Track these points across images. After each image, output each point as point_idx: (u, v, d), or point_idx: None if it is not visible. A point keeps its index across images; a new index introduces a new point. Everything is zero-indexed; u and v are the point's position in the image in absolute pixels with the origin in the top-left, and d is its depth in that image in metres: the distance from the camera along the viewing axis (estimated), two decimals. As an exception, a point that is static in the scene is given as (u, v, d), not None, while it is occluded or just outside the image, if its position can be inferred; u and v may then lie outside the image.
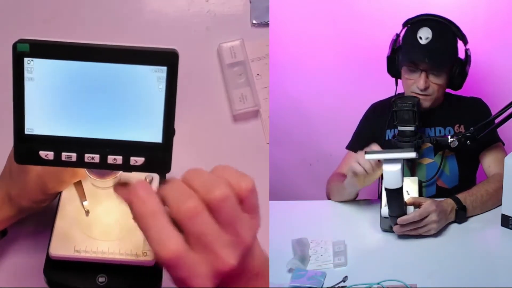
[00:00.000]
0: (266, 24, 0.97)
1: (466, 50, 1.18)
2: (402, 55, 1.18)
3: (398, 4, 1.49)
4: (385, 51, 1.24)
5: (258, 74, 0.95)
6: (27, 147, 0.53)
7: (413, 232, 1.02)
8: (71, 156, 0.53)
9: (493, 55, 1.45)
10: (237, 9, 0.98)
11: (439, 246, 1.02)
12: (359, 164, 1.05)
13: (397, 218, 1.00)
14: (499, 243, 1.04)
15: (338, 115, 1.65)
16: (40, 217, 0.79)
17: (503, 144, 1.22)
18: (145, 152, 0.53)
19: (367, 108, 1.33)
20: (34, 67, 0.51)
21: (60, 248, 0.69)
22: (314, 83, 1.66)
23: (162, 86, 0.52)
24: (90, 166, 0.54)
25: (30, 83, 0.52)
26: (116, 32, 0.95)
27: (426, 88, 1.15)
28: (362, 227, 1.11)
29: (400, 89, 1.24)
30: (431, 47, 1.13)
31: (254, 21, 0.97)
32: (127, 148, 0.53)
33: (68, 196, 0.74)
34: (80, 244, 0.70)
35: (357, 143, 1.30)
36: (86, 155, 0.53)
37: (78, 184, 0.74)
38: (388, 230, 1.06)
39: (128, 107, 0.52)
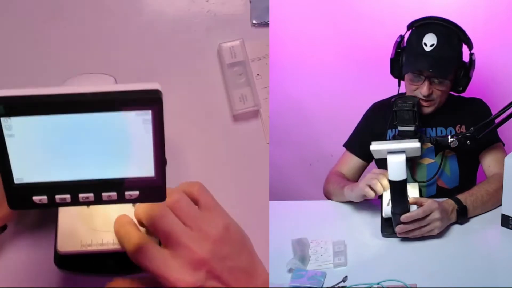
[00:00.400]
0: (266, 24, 0.97)
1: (471, 55, 1.17)
2: (406, 62, 1.17)
3: (398, 4, 1.49)
4: (385, 51, 1.24)
5: (258, 74, 0.95)
6: (19, 195, 0.53)
7: (416, 232, 1.01)
8: (65, 198, 0.53)
9: (493, 55, 1.45)
10: (237, 9, 0.98)
11: (439, 246, 1.02)
12: (370, 188, 1.05)
13: (401, 215, 1.00)
14: (499, 243, 1.04)
15: (338, 115, 1.65)
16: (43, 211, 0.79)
17: (503, 144, 1.22)
18: (139, 186, 0.53)
19: (367, 107, 1.33)
20: (12, 124, 0.50)
21: (67, 244, 0.69)
22: (314, 83, 1.66)
23: (148, 127, 0.51)
24: (85, 204, 0.54)
25: (11, 139, 0.50)
26: (116, 32, 0.95)
27: (429, 95, 1.15)
28: (362, 227, 1.11)
29: (402, 90, 1.24)
30: (435, 55, 1.13)
31: (254, 21, 0.97)
32: (120, 184, 0.53)
33: None
34: (86, 238, 0.69)
35: (356, 141, 1.30)
36: (80, 195, 0.53)
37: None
38: (390, 235, 1.05)
39: (116, 150, 0.52)
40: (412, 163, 1.21)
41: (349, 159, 1.30)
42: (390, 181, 1.00)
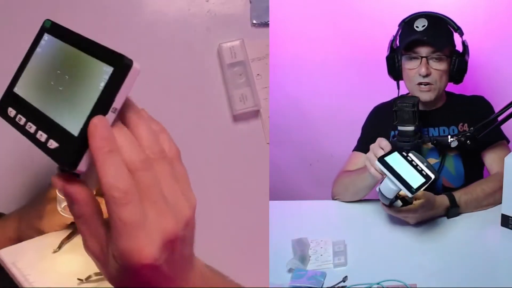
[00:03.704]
0: (266, 24, 0.97)
1: (463, 41, 1.18)
2: (401, 45, 1.19)
3: (398, 4, 1.49)
4: (385, 51, 1.24)
5: (258, 74, 0.95)
6: (5, 102, 0.58)
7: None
8: (21, 119, 0.56)
9: (493, 54, 1.45)
10: (237, 9, 0.98)
11: (439, 246, 1.02)
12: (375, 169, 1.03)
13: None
14: (499, 243, 1.04)
15: (338, 115, 1.65)
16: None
17: (508, 141, 1.22)
18: (62, 139, 0.53)
19: (367, 107, 1.33)
20: (44, 42, 0.59)
21: (6, 254, 0.66)
22: (314, 83, 1.66)
23: (102, 84, 0.52)
24: (27, 134, 0.55)
25: (35, 54, 0.59)
26: (116, 32, 0.95)
27: (428, 75, 1.15)
28: (362, 227, 1.11)
29: (403, 92, 1.24)
30: (428, 31, 1.15)
31: (254, 21, 0.97)
32: (53, 129, 0.54)
33: (59, 233, 0.72)
34: (20, 262, 0.66)
35: (363, 141, 1.30)
36: (28, 123, 0.56)
37: (74, 232, 0.72)
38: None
39: (74, 94, 0.54)
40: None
41: (358, 157, 1.29)
42: (379, 190, 1.00)
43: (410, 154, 1.01)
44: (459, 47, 1.20)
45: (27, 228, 0.72)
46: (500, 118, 1.05)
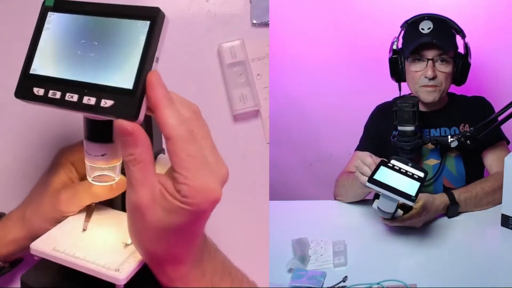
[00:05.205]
0: (266, 24, 0.97)
1: (466, 44, 1.18)
2: (407, 48, 1.19)
3: (398, 4, 1.49)
4: (385, 51, 1.24)
5: (258, 74, 0.95)
6: (26, 84, 0.60)
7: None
8: (55, 93, 0.58)
9: (493, 55, 1.45)
10: (237, 9, 0.97)
11: (439, 246, 1.02)
12: (360, 173, 1.03)
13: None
14: (499, 243, 1.04)
15: (338, 115, 1.65)
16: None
17: (508, 142, 1.22)
18: (116, 96, 0.56)
19: (367, 107, 1.33)
20: (52, 19, 0.61)
21: (41, 245, 0.67)
22: (314, 83, 1.66)
23: (143, 38, 0.57)
24: (69, 104, 0.57)
25: (45, 32, 0.61)
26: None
27: (434, 78, 1.15)
28: (362, 227, 1.11)
29: (404, 93, 1.24)
30: (435, 34, 1.15)
31: (254, 21, 0.97)
32: (101, 91, 0.57)
33: (75, 217, 0.73)
34: (60, 246, 0.67)
35: (367, 141, 1.30)
36: (67, 94, 0.58)
37: (90, 207, 0.73)
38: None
39: (111, 55, 0.58)
40: (417, 164, 1.21)
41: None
42: (378, 208, 0.99)
43: (392, 161, 1.00)
44: (460, 49, 1.20)
45: (41, 221, 0.71)
46: (500, 118, 1.05)
